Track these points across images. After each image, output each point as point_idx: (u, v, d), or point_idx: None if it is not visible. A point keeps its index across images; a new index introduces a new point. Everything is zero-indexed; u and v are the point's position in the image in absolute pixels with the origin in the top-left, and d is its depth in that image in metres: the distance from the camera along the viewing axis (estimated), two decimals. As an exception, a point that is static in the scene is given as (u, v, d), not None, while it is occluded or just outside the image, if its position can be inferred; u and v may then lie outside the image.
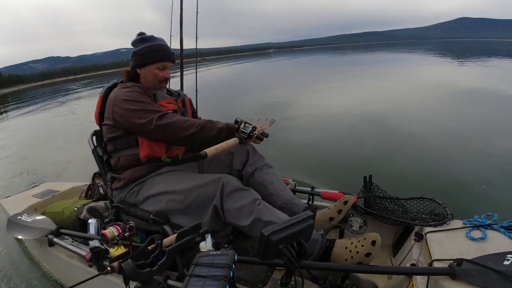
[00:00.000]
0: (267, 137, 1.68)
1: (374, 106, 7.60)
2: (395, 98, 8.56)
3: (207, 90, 16.35)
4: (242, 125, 1.57)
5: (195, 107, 2.04)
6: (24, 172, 5.15)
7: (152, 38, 1.68)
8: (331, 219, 1.52)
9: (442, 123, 5.76)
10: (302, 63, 33.23)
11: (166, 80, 1.72)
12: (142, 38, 1.68)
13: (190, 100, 1.91)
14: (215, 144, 1.42)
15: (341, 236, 1.63)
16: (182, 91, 1.96)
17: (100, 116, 1.68)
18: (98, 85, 29.90)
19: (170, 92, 1.79)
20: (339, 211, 1.52)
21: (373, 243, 1.24)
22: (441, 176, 3.57)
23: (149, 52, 1.63)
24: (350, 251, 1.28)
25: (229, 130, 1.53)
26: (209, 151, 1.35)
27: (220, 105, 9.74)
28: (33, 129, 10.28)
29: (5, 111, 18.62)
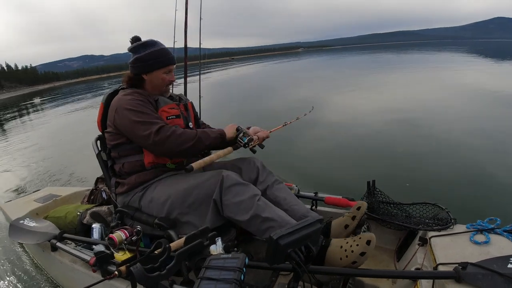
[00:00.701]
0: (262, 148, 1.67)
1: (388, 110, 7.46)
2: (414, 101, 8.21)
3: (234, 88, 16.68)
4: (241, 134, 1.61)
5: (198, 111, 2.04)
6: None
7: (154, 43, 1.68)
8: (346, 226, 1.52)
9: (445, 127, 5.79)
10: (330, 63, 32.29)
11: (172, 83, 1.75)
12: (144, 44, 1.67)
13: (192, 103, 1.92)
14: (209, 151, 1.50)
15: None
16: (186, 95, 1.97)
17: (103, 122, 1.69)
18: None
19: (171, 97, 1.80)
20: (353, 218, 1.50)
21: (368, 242, 1.23)
22: (443, 181, 3.58)
23: (156, 57, 1.64)
24: (345, 250, 1.28)
25: (223, 139, 1.56)
26: (195, 164, 1.40)
27: (243, 104, 9.93)
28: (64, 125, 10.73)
29: (41, 105, 20.21)
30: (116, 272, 0.97)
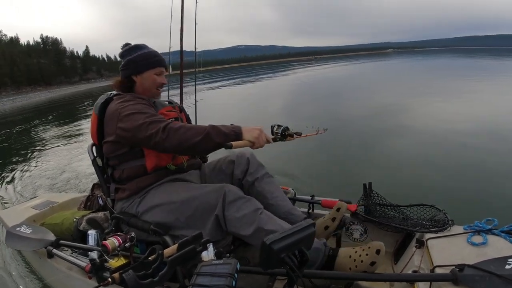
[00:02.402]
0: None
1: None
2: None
3: (313, 88, 16.41)
4: (275, 128, 1.56)
5: (195, 117, 2.05)
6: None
7: (144, 46, 1.71)
8: (326, 227, 1.52)
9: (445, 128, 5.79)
10: (423, 66, 29.61)
11: (162, 86, 1.72)
12: (135, 46, 1.69)
13: (182, 107, 1.93)
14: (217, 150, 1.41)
15: (338, 243, 1.63)
16: (181, 101, 1.98)
17: (98, 133, 1.64)
18: (206, 80, 31.44)
19: (163, 100, 1.81)
20: (333, 219, 1.52)
21: (378, 251, 1.23)
22: (440, 182, 3.58)
23: (146, 58, 1.64)
24: (354, 260, 1.27)
25: (237, 135, 1.37)
26: (234, 144, 1.31)
27: (317, 105, 9.79)
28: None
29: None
30: (110, 279, 0.96)
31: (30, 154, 7.42)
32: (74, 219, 2.03)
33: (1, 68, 65.71)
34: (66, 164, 5.95)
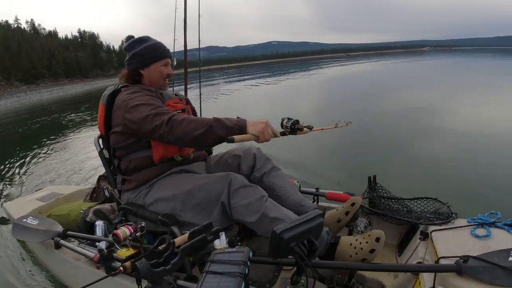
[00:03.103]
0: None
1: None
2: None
3: (342, 85, 16.12)
4: (285, 121, 1.52)
5: (200, 111, 2.06)
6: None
7: (148, 38, 1.71)
8: (338, 220, 1.53)
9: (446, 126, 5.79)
10: (460, 65, 27.75)
11: (170, 77, 1.74)
12: (139, 39, 1.70)
13: (188, 99, 1.95)
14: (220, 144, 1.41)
15: (350, 235, 1.63)
16: (186, 94, 1.98)
17: (106, 124, 1.65)
18: (232, 76, 31.97)
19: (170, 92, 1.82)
20: (347, 213, 1.51)
21: (377, 239, 1.25)
22: (444, 175, 3.60)
23: (152, 50, 1.65)
24: (355, 247, 1.29)
25: (241, 129, 1.33)
26: (236, 138, 1.28)
27: (349, 102, 9.59)
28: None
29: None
30: (121, 268, 0.98)
31: (59, 142, 7.69)
32: (81, 211, 2.04)
33: (40, 60, 66.82)
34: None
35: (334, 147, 5.11)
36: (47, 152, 6.72)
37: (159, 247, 1.03)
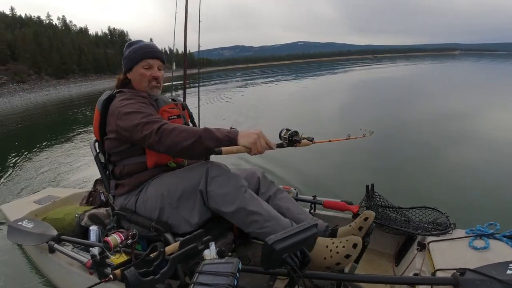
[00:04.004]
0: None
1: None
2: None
3: (368, 88, 15.70)
4: (283, 132, 1.49)
5: (198, 118, 2.04)
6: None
7: (139, 41, 1.68)
8: None
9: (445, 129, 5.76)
10: (493, 71, 25.17)
11: (156, 79, 1.64)
12: (130, 43, 1.68)
13: (185, 104, 1.91)
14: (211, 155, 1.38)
15: (362, 252, 1.60)
16: (185, 99, 1.96)
17: (101, 129, 1.63)
18: (256, 76, 31.99)
19: (166, 98, 1.78)
20: (360, 228, 1.44)
21: (354, 246, 1.22)
22: (443, 186, 3.57)
23: (134, 53, 1.62)
24: (331, 250, 1.26)
25: (232, 141, 1.28)
26: (225, 149, 1.22)
27: (371, 109, 9.18)
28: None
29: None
30: (111, 276, 0.96)
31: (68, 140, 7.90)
32: (76, 215, 2.03)
33: (70, 56, 68.32)
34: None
35: (340, 156, 4.97)
36: (52, 152, 6.75)
37: (151, 255, 1.01)
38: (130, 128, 1.42)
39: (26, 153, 6.85)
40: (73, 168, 5.42)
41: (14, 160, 6.29)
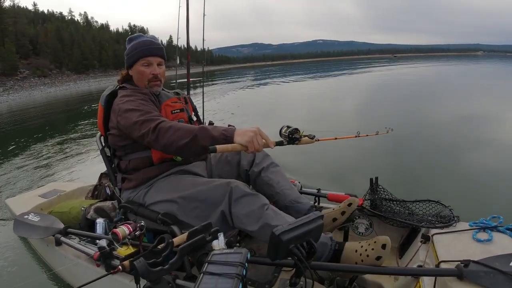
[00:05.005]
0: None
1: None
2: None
3: (389, 88, 15.17)
4: (284, 129, 1.48)
5: (203, 112, 2.04)
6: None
7: (138, 36, 1.66)
8: (334, 220, 1.51)
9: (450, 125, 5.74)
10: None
11: (156, 77, 1.62)
12: (129, 38, 1.66)
13: (189, 97, 1.91)
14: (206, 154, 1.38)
15: (345, 237, 1.63)
16: (188, 93, 1.96)
17: (105, 125, 1.65)
18: (268, 74, 32.18)
19: (168, 92, 1.78)
20: (343, 213, 1.49)
21: (383, 246, 1.22)
22: (447, 180, 3.58)
23: (133, 50, 1.61)
24: (360, 254, 1.27)
25: (228, 139, 1.26)
26: (219, 148, 1.21)
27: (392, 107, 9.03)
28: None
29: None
30: (120, 267, 0.97)
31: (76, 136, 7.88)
32: (82, 208, 2.05)
33: (91, 51, 69.01)
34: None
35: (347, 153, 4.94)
36: (61, 146, 6.81)
37: (158, 246, 1.03)
38: (128, 126, 1.44)
39: (33, 146, 6.89)
40: (80, 162, 5.45)
41: (19, 155, 6.32)
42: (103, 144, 1.77)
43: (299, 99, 12.95)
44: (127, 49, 1.64)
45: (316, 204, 1.91)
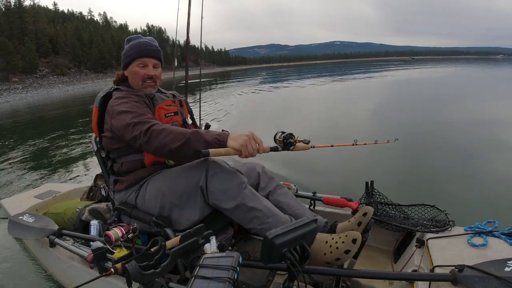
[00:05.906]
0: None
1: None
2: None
3: (407, 90, 14.96)
4: (278, 134, 1.47)
5: (199, 115, 2.03)
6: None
7: (137, 37, 1.66)
8: None
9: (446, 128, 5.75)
10: None
11: (151, 78, 1.62)
12: (128, 39, 1.66)
13: (185, 101, 1.89)
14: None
15: (361, 248, 1.59)
16: (186, 94, 1.95)
17: (99, 126, 1.64)
18: (279, 76, 32.45)
19: (164, 94, 1.76)
20: (359, 224, 1.46)
21: (354, 241, 1.22)
22: (442, 183, 3.58)
23: (129, 50, 1.61)
24: (330, 245, 1.26)
25: (221, 143, 1.25)
26: (212, 151, 1.21)
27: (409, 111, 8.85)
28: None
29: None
30: (112, 270, 0.97)
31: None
32: (77, 209, 2.04)
33: (110, 51, 69.90)
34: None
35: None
36: (56, 147, 6.77)
37: (151, 249, 1.02)
38: (121, 128, 1.42)
39: (29, 147, 6.86)
40: (76, 163, 5.44)
41: (15, 155, 6.29)
42: (98, 145, 1.77)
43: (314, 102, 12.64)
44: (124, 50, 1.64)
45: (312, 207, 1.91)
